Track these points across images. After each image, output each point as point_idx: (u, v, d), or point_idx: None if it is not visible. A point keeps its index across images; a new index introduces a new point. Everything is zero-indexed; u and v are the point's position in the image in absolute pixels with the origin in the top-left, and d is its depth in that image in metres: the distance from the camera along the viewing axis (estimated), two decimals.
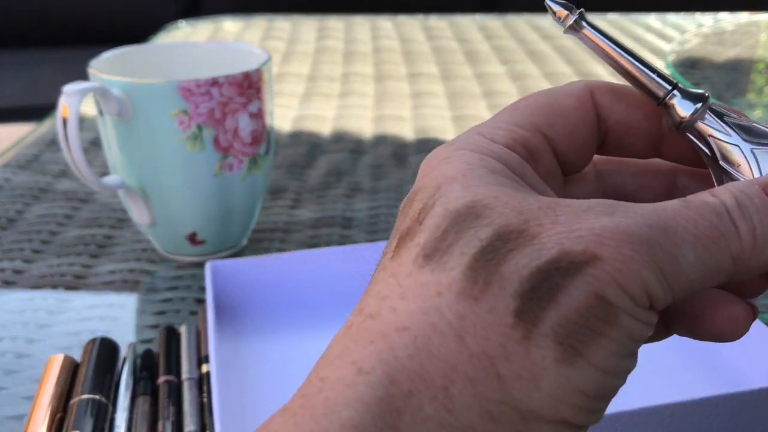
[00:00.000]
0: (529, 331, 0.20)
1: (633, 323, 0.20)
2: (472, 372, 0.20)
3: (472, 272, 0.20)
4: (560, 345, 0.20)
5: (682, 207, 0.21)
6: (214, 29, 1.17)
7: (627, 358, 0.21)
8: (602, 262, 0.20)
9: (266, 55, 0.52)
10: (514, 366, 0.20)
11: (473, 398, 0.20)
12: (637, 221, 0.21)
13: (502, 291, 0.20)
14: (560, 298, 0.20)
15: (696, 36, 0.84)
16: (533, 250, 0.20)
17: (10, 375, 0.43)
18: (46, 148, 0.74)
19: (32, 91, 1.96)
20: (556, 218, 0.21)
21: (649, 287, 0.20)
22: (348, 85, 0.93)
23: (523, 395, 0.20)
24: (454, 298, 0.20)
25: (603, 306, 0.20)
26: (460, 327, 0.20)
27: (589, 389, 0.20)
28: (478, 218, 0.21)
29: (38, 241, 0.57)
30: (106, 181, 0.50)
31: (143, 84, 0.48)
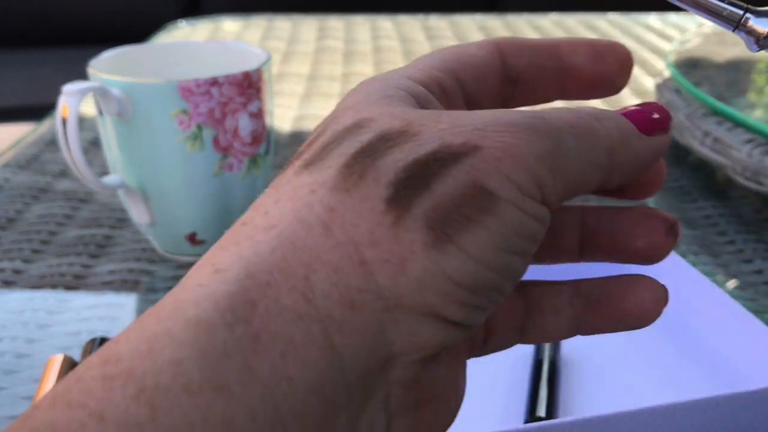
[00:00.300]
0: (399, 216, 0.19)
1: (517, 214, 0.20)
2: (336, 260, 0.19)
3: (348, 168, 0.20)
4: (431, 230, 0.19)
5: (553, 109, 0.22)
6: (214, 29, 1.17)
7: (510, 254, 0.20)
8: (482, 150, 0.20)
9: (266, 55, 0.52)
10: (380, 251, 0.19)
11: (334, 286, 0.19)
12: (519, 113, 0.21)
13: (375, 182, 0.20)
14: (435, 186, 0.20)
15: (696, 36, 0.84)
16: (413, 145, 0.20)
17: (9, 375, 0.43)
18: (45, 148, 0.74)
19: (32, 91, 1.96)
20: (439, 119, 0.21)
21: (538, 175, 0.20)
22: (348, 85, 0.93)
23: (388, 281, 0.19)
24: (327, 192, 0.20)
25: (480, 194, 0.20)
26: (328, 218, 0.20)
27: (460, 277, 0.19)
28: (361, 128, 0.21)
29: (38, 241, 0.57)
30: (105, 181, 0.50)
31: (143, 84, 0.47)
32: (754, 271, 0.52)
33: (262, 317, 0.18)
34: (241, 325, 0.18)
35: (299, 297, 0.19)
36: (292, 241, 0.19)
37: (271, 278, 0.19)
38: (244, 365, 0.18)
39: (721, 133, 0.60)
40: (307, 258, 0.19)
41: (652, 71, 0.95)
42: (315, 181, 0.20)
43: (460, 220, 0.19)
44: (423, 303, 0.19)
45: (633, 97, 0.86)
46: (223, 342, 0.18)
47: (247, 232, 0.20)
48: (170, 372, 0.17)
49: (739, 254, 0.54)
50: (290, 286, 0.19)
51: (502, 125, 0.20)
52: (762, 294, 0.49)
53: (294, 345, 0.18)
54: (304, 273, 0.19)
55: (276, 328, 0.18)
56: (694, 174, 0.67)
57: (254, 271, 0.19)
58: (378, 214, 0.19)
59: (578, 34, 1.14)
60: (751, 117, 0.60)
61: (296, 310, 0.19)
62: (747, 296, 0.49)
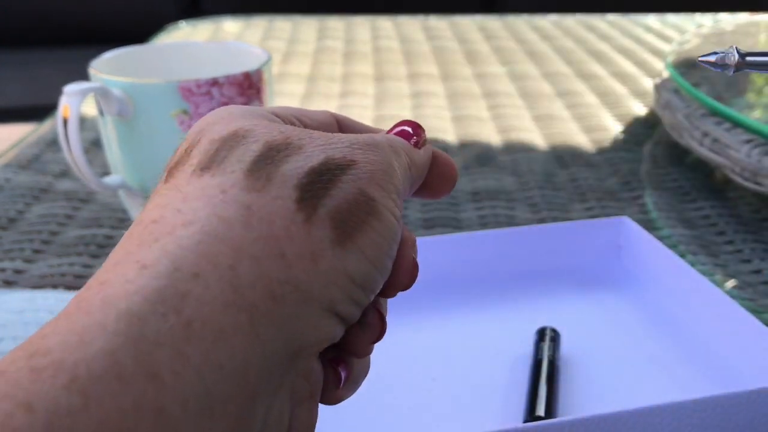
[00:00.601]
0: (309, 215, 0.22)
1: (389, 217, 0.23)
2: (257, 252, 0.21)
3: (253, 172, 0.22)
4: (336, 228, 0.22)
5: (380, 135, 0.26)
6: (215, 29, 1.18)
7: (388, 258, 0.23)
8: (358, 164, 0.23)
9: (266, 55, 0.52)
10: (296, 246, 0.21)
11: (258, 278, 0.20)
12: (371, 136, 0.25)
13: (283, 184, 0.22)
14: (333, 191, 0.22)
15: (696, 36, 0.85)
16: (304, 156, 0.23)
17: None
18: (46, 148, 0.74)
19: (32, 91, 1.96)
20: (311, 136, 0.24)
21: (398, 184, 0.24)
22: (348, 85, 0.93)
23: (304, 274, 0.21)
24: (240, 192, 0.22)
25: (366, 200, 0.23)
26: (246, 214, 0.21)
27: (356, 275, 0.22)
28: (245, 138, 0.23)
29: (39, 241, 0.57)
30: (106, 181, 0.50)
31: (144, 84, 0.48)
32: (752, 271, 0.52)
33: (193, 306, 0.19)
34: (173, 314, 0.19)
35: (227, 286, 0.20)
36: (215, 235, 0.20)
37: (199, 269, 0.20)
38: (177, 353, 0.18)
39: (719, 134, 0.60)
40: (231, 250, 0.20)
41: (652, 72, 0.95)
42: (222, 183, 0.22)
43: (356, 220, 0.22)
44: (328, 298, 0.21)
45: (631, 98, 0.86)
46: (156, 331, 0.18)
47: (163, 228, 0.21)
48: (103, 361, 0.18)
49: (737, 254, 0.54)
50: (218, 275, 0.20)
51: (362, 144, 0.24)
52: (761, 294, 0.49)
53: (224, 333, 0.19)
54: (229, 263, 0.20)
55: (207, 316, 0.19)
56: (693, 174, 0.67)
57: (181, 264, 0.20)
58: (291, 212, 0.21)
59: (577, 34, 1.14)
60: (750, 117, 0.60)
61: (225, 299, 0.20)
62: (746, 296, 0.49)
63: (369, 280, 0.23)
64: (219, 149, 0.23)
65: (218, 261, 0.20)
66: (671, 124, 0.69)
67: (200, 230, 0.21)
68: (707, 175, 0.67)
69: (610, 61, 1.01)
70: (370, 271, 0.23)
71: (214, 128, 0.24)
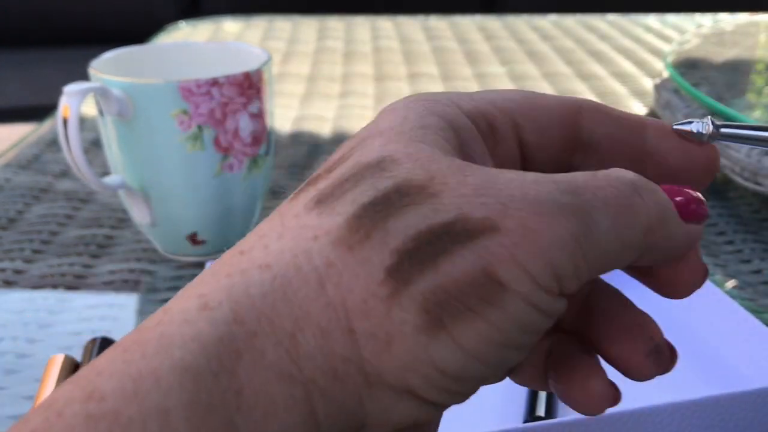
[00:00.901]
0: (397, 290, 0.18)
1: (526, 310, 0.18)
2: (324, 322, 0.18)
3: (357, 221, 0.19)
4: (426, 313, 0.18)
5: (590, 176, 0.20)
6: (215, 29, 1.18)
7: (507, 349, 0.19)
8: (500, 234, 0.18)
9: (266, 55, 0.52)
10: (369, 324, 0.18)
11: (319, 350, 0.18)
12: (549, 188, 0.19)
13: (381, 245, 0.18)
14: (442, 265, 0.18)
15: (695, 36, 0.85)
16: (429, 209, 0.19)
17: (10, 375, 0.43)
18: (46, 148, 0.74)
19: (32, 91, 1.96)
20: (464, 179, 0.19)
21: (557, 266, 0.18)
22: (348, 85, 0.93)
23: (371, 356, 0.18)
24: (329, 244, 0.19)
25: (489, 284, 0.18)
26: (325, 274, 0.18)
27: (447, 367, 0.18)
28: (383, 171, 0.20)
29: (39, 241, 0.57)
30: (106, 181, 0.50)
31: (144, 84, 0.48)
32: (752, 271, 0.52)
33: (247, 370, 0.18)
34: (226, 375, 0.17)
35: (284, 354, 0.18)
36: (284, 290, 0.18)
37: (259, 328, 0.18)
38: (228, 421, 0.17)
39: None
40: (296, 313, 0.18)
41: (651, 72, 0.95)
42: (321, 225, 0.19)
43: (461, 308, 0.18)
44: (404, 384, 0.18)
45: (631, 98, 0.86)
46: (209, 393, 0.17)
47: (242, 264, 0.19)
48: (157, 422, 0.17)
49: (737, 254, 0.54)
50: (276, 340, 0.18)
51: (528, 202, 0.19)
52: (761, 294, 0.49)
53: (276, 406, 0.18)
54: (291, 329, 0.18)
55: (259, 385, 0.18)
56: None
57: (242, 316, 0.18)
58: (375, 283, 0.18)
59: (577, 34, 1.14)
60: (750, 117, 0.60)
61: (280, 368, 0.18)
62: (746, 296, 0.49)
63: (467, 372, 0.18)
64: (347, 180, 0.20)
65: (280, 323, 0.18)
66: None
67: (272, 280, 0.18)
68: None
69: (610, 61, 1.01)
70: (470, 365, 0.18)
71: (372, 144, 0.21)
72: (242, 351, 0.18)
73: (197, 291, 0.19)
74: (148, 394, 0.17)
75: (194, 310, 0.18)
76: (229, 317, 0.18)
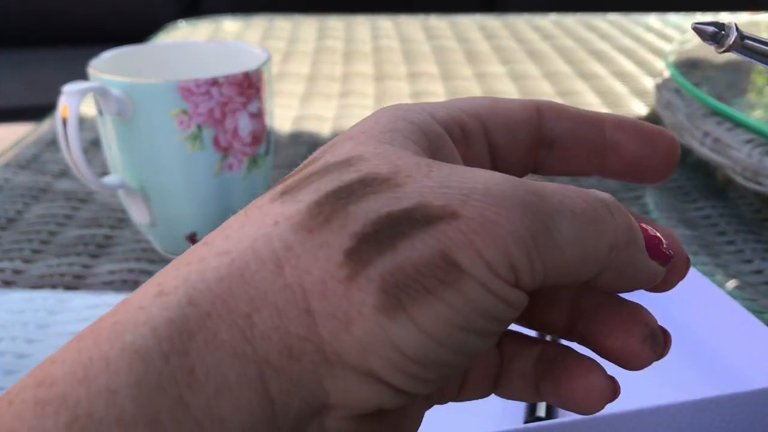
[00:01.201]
0: (355, 272, 0.18)
1: (483, 294, 0.19)
2: (281, 303, 0.18)
3: (318, 206, 0.19)
4: (384, 293, 0.18)
5: (561, 186, 0.20)
6: (214, 29, 1.17)
7: (467, 333, 0.19)
8: (460, 219, 0.19)
9: (266, 55, 0.52)
10: (328, 304, 0.18)
11: (275, 330, 0.18)
12: (515, 185, 0.19)
13: (341, 229, 0.19)
14: (400, 247, 0.18)
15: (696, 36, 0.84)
16: (391, 197, 0.19)
17: (9, 375, 0.43)
18: (45, 148, 0.74)
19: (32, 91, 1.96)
20: (429, 173, 0.20)
21: (513, 258, 0.19)
22: (348, 85, 0.93)
23: (331, 336, 0.18)
24: (289, 229, 0.19)
25: (446, 266, 0.18)
26: (283, 256, 0.19)
27: (407, 348, 0.18)
28: (350, 166, 0.20)
29: (38, 241, 0.57)
30: (105, 181, 0.50)
31: (143, 84, 0.47)
32: (753, 271, 0.52)
33: (199, 349, 0.18)
34: (177, 356, 0.18)
35: (238, 334, 0.18)
36: (242, 273, 0.19)
37: (213, 309, 0.18)
38: (178, 400, 0.17)
39: (720, 134, 0.60)
40: (252, 294, 0.18)
41: (652, 71, 0.95)
42: (282, 212, 0.19)
43: (418, 289, 0.18)
44: (364, 365, 0.18)
45: (632, 97, 0.86)
46: (158, 373, 0.17)
47: (203, 252, 0.19)
48: (104, 402, 0.17)
49: (738, 254, 0.54)
50: (231, 320, 0.18)
51: (491, 195, 0.19)
52: (762, 294, 0.49)
53: (228, 384, 0.18)
54: (246, 310, 0.18)
55: (211, 364, 0.18)
56: (694, 174, 0.67)
57: (196, 299, 0.18)
58: (333, 264, 0.18)
59: (578, 34, 1.14)
60: (751, 117, 0.60)
61: (233, 347, 0.18)
62: (747, 296, 0.49)
63: (428, 355, 0.19)
64: (315, 173, 0.20)
65: (235, 304, 0.18)
66: (672, 124, 0.68)
67: (229, 264, 0.19)
68: (708, 175, 0.67)
69: (610, 60, 1.01)
70: (430, 347, 0.18)
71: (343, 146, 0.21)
72: (194, 331, 0.18)
73: (156, 281, 0.19)
74: (97, 377, 0.17)
75: (148, 297, 0.19)
76: (183, 300, 0.18)
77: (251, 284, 0.18)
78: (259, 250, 0.19)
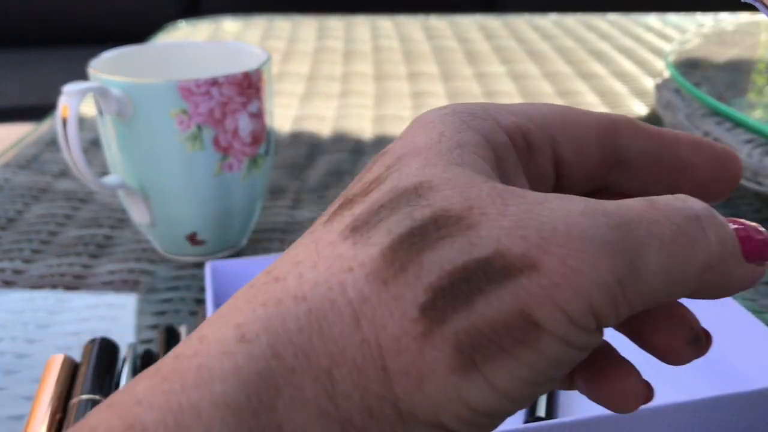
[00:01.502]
0: (430, 329, 0.18)
1: (560, 349, 0.18)
2: (359, 359, 0.18)
3: (392, 253, 0.18)
4: (459, 353, 0.18)
5: (647, 207, 0.19)
6: (214, 29, 1.17)
7: (538, 386, 0.18)
8: (539, 273, 0.18)
9: (266, 55, 0.52)
10: (402, 362, 0.18)
11: (355, 388, 0.18)
12: (598, 221, 0.18)
13: (416, 280, 0.18)
14: (477, 305, 0.18)
15: (696, 36, 0.84)
16: (466, 242, 0.18)
17: (9, 375, 0.43)
18: (45, 148, 0.74)
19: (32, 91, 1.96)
20: (505, 209, 0.18)
21: (596, 307, 0.18)
22: (348, 84, 0.93)
23: (404, 393, 0.18)
24: (363, 277, 0.18)
25: (524, 326, 0.18)
26: (359, 309, 0.18)
27: (479, 405, 0.18)
28: (419, 198, 0.19)
29: (38, 241, 0.57)
30: (105, 181, 0.50)
31: (143, 84, 0.47)
32: None
33: (286, 407, 0.18)
34: (266, 413, 0.17)
35: (321, 391, 0.18)
36: (320, 325, 0.18)
37: (296, 363, 0.18)
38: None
39: (720, 134, 0.60)
40: (332, 349, 0.18)
41: (652, 71, 0.95)
42: (356, 257, 0.19)
43: (494, 350, 0.18)
44: (435, 420, 0.18)
45: (632, 97, 0.86)
46: (248, 429, 0.17)
47: (277, 293, 0.19)
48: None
49: None
50: (313, 376, 0.18)
51: (572, 238, 0.18)
52: (762, 294, 0.49)
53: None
54: (327, 365, 0.18)
55: (298, 423, 0.18)
56: None
57: (279, 351, 0.18)
58: (408, 321, 0.18)
59: (578, 34, 1.14)
60: (751, 117, 0.60)
61: (318, 406, 0.18)
62: (747, 296, 0.49)
63: (499, 410, 0.18)
64: (383, 207, 0.19)
65: (317, 359, 0.18)
66: (672, 124, 0.68)
67: (307, 313, 0.18)
68: None
69: (610, 60, 1.01)
70: (502, 403, 0.18)
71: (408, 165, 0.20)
72: (281, 387, 0.18)
73: (233, 320, 0.19)
74: (189, 428, 0.17)
75: (232, 342, 0.18)
76: (267, 352, 0.18)
77: (329, 338, 0.18)
78: (335, 300, 0.18)
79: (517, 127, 0.22)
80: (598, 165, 0.23)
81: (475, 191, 0.19)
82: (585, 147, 0.23)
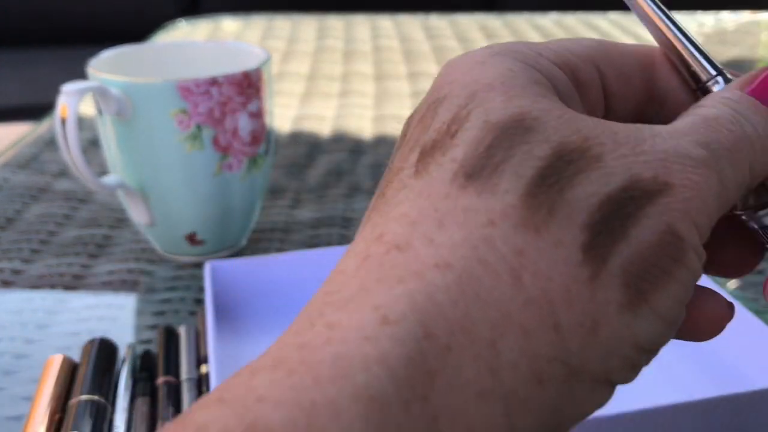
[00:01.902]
0: (597, 270, 0.17)
1: (697, 262, 0.18)
2: (527, 321, 0.16)
3: (533, 198, 0.17)
4: (627, 288, 0.17)
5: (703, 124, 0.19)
6: (214, 28, 1.17)
7: (684, 307, 0.18)
8: (674, 190, 0.17)
9: (266, 55, 0.52)
10: (575, 312, 0.16)
11: (523, 355, 0.16)
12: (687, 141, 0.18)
13: (569, 222, 0.17)
14: (632, 232, 0.17)
15: (697, 35, 0.84)
16: (601, 174, 0.17)
17: (8, 375, 0.43)
18: (45, 147, 0.74)
19: (32, 91, 1.96)
20: (616, 137, 0.18)
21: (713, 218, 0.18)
22: (348, 84, 0.93)
23: (578, 348, 0.16)
24: (512, 229, 0.17)
25: (675, 241, 0.17)
26: (518, 264, 0.16)
27: (645, 341, 0.17)
28: (530, 132, 0.18)
29: (37, 241, 0.57)
30: (105, 181, 0.50)
31: (142, 83, 0.47)
32: (755, 272, 0.51)
33: (442, 393, 0.15)
34: (419, 403, 0.15)
35: (484, 368, 0.16)
36: (477, 293, 0.16)
37: (453, 341, 0.16)
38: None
39: None
40: (494, 316, 0.16)
41: None
42: (491, 207, 0.17)
43: (658, 273, 0.17)
44: (603, 370, 0.17)
45: None
46: (397, 426, 0.15)
47: (412, 266, 0.17)
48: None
49: None
50: (474, 353, 0.16)
51: (681, 156, 0.18)
52: (762, 294, 0.49)
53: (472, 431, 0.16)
54: (490, 336, 0.16)
55: (456, 410, 0.15)
56: None
57: (432, 330, 0.16)
58: (574, 266, 0.16)
59: (578, 33, 1.14)
60: None
61: (479, 386, 0.16)
62: (748, 296, 0.49)
63: (660, 343, 0.18)
64: (492, 147, 0.18)
65: (477, 332, 0.16)
66: None
67: (458, 281, 0.16)
68: None
69: None
70: (664, 334, 0.18)
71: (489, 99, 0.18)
72: (435, 372, 0.15)
73: (370, 302, 0.16)
74: (325, 428, 0.15)
75: (373, 326, 0.16)
76: (418, 333, 0.16)
77: (491, 304, 0.16)
78: (486, 260, 0.16)
79: (563, 62, 0.21)
80: (641, 98, 0.23)
81: (580, 122, 0.18)
82: (631, 78, 0.22)
